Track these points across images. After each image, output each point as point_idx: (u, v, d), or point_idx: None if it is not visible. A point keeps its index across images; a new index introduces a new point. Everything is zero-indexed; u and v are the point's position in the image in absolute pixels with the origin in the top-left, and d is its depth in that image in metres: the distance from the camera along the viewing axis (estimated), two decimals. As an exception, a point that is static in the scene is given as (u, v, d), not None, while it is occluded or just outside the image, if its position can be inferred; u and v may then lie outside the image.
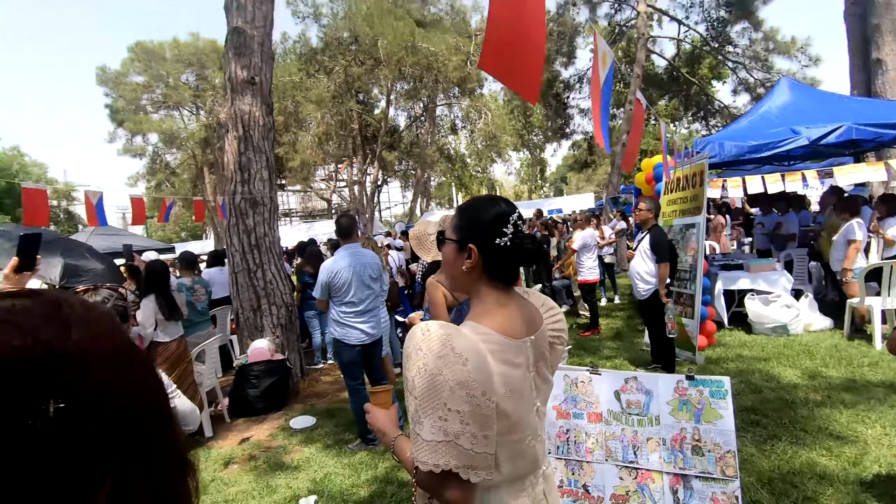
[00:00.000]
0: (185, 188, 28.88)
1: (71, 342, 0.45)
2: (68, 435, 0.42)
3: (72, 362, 0.44)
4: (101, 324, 0.49)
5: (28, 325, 0.44)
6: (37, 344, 0.43)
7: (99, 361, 0.46)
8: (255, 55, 5.75)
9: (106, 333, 0.49)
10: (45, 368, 0.42)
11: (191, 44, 26.71)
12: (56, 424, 0.41)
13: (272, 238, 5.75)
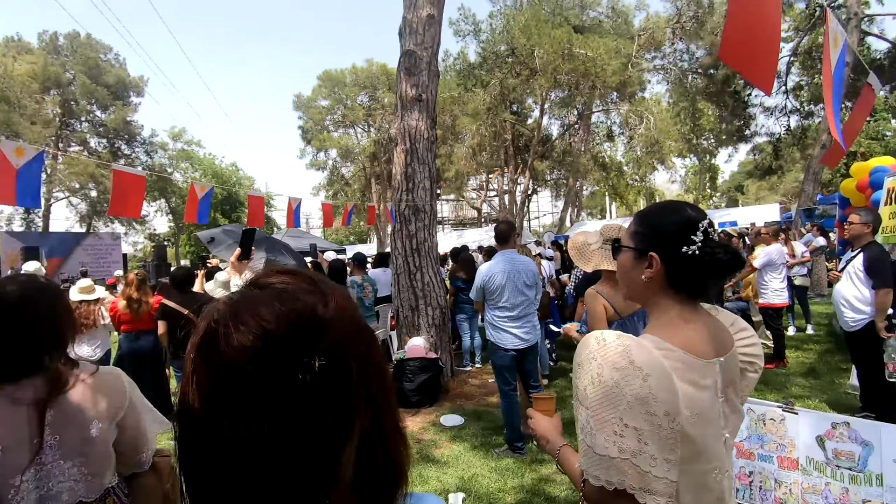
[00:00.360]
0: (355, 197, 32.46)
1: (329, 311, 0.53)
2: (325, 391, 0.49)
3: (329, 327, 0.51)
4: (345, 298, 0.57)
5: (300, 294, 0.53)
6: (307, 309, 0.52)
7: (347, 329, 0.53)
8: (423, 74, 6.24)
9: (349, 307, 0.56)
10: (313, 330, 0.50)
11: (366, 69, 30.01)
12: (317, 380, 0.49)
13: (431, 243, 6.13)
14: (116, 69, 28.72)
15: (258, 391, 0.48)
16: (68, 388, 1.45)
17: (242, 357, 0.48)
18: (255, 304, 0.51)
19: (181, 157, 32.59)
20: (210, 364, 0.50)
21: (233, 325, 0.50)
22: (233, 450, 0.48)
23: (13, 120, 23.55)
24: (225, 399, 0.48)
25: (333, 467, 0.50)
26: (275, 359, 0.48)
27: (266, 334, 0.48)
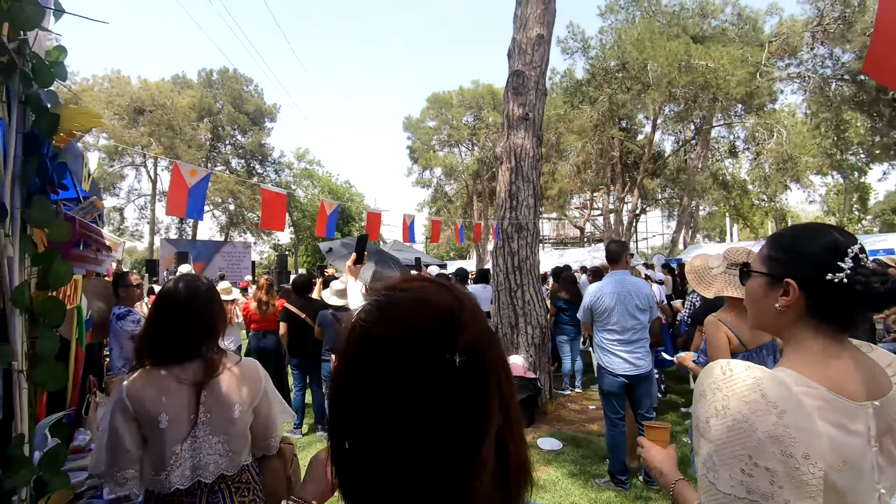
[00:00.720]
0: (457, 213, 33.20)
1: (465, 312, 0.57)
2: (466, 386, 0.52)
3: (466, 326, 0.55)
4: (475, 302, 0.61)
5: (438, 296, 0.58)
6: (447, 308, 0.56)
7: (480, 329, 0.57)
8: (530, 93, 6.28)
9: (479, 311, 0.60)
10: (453, 328, 0.55)
11: (472, 90, 30.82)
12: (459, 374, 0.52)
13: (532, 261, 6.08)
14: (255, 98, 32.69)
15: (407, 384, 0.52)
16: (218, 373, 1.68)
17: (392, 352, 0.53)
18: (399, 304, 0.57)
19: (303, 176, 35.90)
20: (361, 360, 0.55)
21: (382, 323, 0.56)
22: (384, 439, 0.53)
23: (175, 144, 27.80)
24: (376, 392, 0.53)
25: (476, 459, 0.52)
26: (421, 353, 0.52)
27: (413, 330, 0.53)
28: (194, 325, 1.65)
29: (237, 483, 1.70)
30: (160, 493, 1.58)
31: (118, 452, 1.52)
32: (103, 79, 28.30)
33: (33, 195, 1.25)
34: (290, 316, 5.12)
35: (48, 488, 1.28)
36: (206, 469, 1.61)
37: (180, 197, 2.53)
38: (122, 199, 30.19)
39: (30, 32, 1.20)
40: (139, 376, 1.58)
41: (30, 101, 1.24)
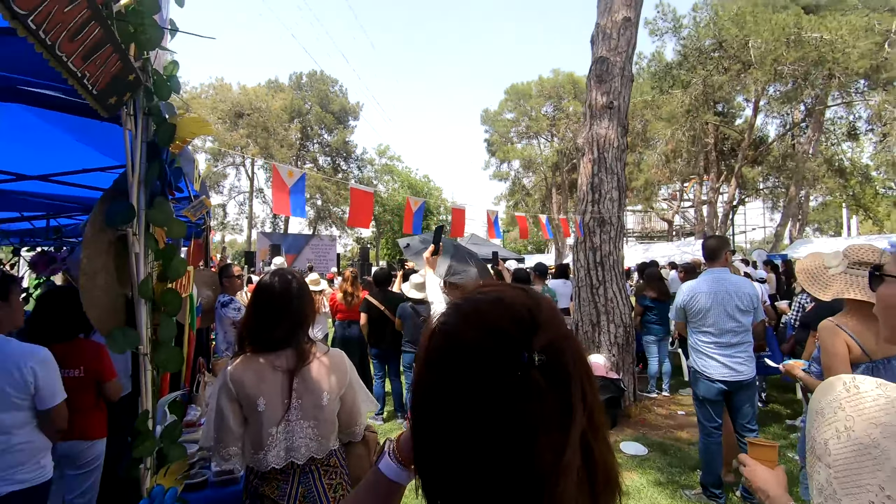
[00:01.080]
0: (535, 207, 32.60)
1: (542, 314, 0.57)
2: (546, 385, 0.53)
3: (544, 327, 0.56)
4: (553, 306, 0.62)
5: (515, 298, 0.59)
6: (524, 309, 0.57)
7: (558, 329, 0.57)
8: (615, 80, 5.97)
9: (557, 314, 0.60)
10: (530, 328, 0.55)
11: (551, 79, 29.99)
12: (539, 374, 0.53)
13: (616, 257, 5.81)
14: (340, 98, 34.27)
15: (487, 384, 0.53)
16: (309, 362, 1.79)
17: (471, 353, 0.54)
18: (479, 306, 0.59)
19: (384, 171, 37.11)
20: (441, 362, 0.57)
21: (461, 325, 0.57)
22: (465, 440, 0.53)
23: (269, 144, 29.94)
24: (457, 393, 0.54)
25: (559, 461, 0.52)
26: (500, 353, 0.53)
27: (491, 331, 0.55)
28: (287, 317, 1.76)
29: (326, 466, 1.80)
30: (258, 471, 1.71)
31: (223, 430, 1.67)
32: (209, 87, 31.10)
33: (155, 197, 1.40)
34: (370, 307, 5.32)
35: (168, 458, 1.43)
36: (298, 451, 1.73)
37: (282, 196, 2.73)
38: (225, 195, 33.09)
39: (151, 51, 1.34)
40: (240, 362, 1.72)
41: (151, 113, 1.39)
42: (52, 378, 2.05)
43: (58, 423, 2.08)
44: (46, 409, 2.04)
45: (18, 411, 1.99)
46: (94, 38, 0.91)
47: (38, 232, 5.60)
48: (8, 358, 1.96)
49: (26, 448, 2.02)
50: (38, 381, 2.00)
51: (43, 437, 2.08)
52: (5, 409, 1.95)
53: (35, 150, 2.98)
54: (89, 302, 1.39)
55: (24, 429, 2.01)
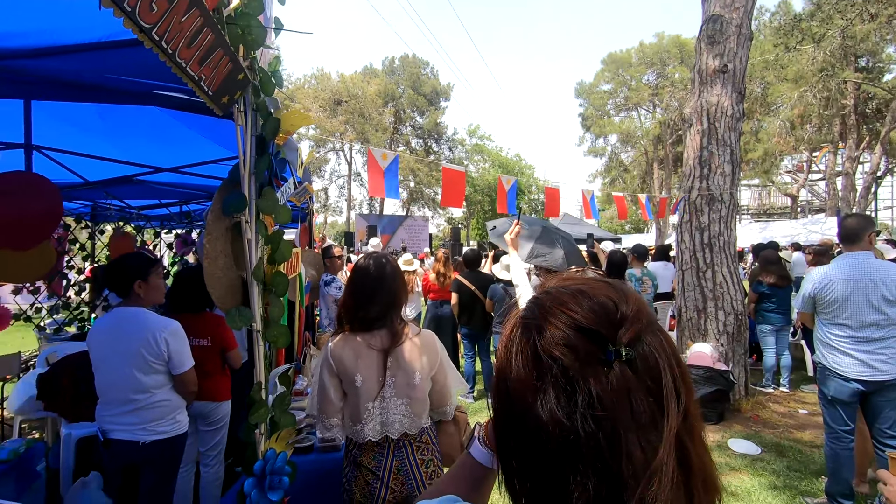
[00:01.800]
0: (634, 183, 30.71)
1: (629, 307, 0.54)
2: (635, 381, 0.50)
3: (631, 322, 0.53)
4: (641, 300, 0.58)
5: (602, 292, 0.57)
6: (609, 302, 0.55)
7: (647, 323, 0.54)
8: (730, 40, 5.35)
9: (646, 308, 0.56)
10: (616, 322, 0.53)
11: (655, 44, 27.71)
12: (626, 369, 0.50)
13: (727, 237, 5.29)
14: (432, 80, 34.62)
15: (571, 378, 0.51)
16: (402, 342, 1.85)
17: (553, 345, 0.53)
18: (561, 298, 0.57)
19: (475, 151, 37.08)
20: (524, 354, 0.56)
21: (543, 317, 0.56)
22: (549, 436, 0.52)
23: (366, 129, 31.23)
24: (539, 385, 0.53)
25: (650, 462, 0.49)
26: (584, 348, 0.52)
27: (574, 324, 0.53)
28: (381, 298, 1.84)
29: (418, 442, 1.88)
30: (357, 442, 1.83)
31: (325, 402, 1.80)
32: (310, 77, 33.05)
33: (263, 187, 1.52)
34: (460, 287, 5.39)
35: (279, 425, 1.58)
36: (392, 426, 1.81)
37: (377, 179, 2.85)
38: (326, 180, 35.27)
39: (256, 50, 1.44)
40: (340, 339, 1.83)
41: (259, 108, 1.50)
42: (181, 347, 2.35)
43: (188, 387, 2.39)
44: (178, 374, 2.35)
45: (157, 374, 2.31)
46: (208, 42, 0.99)
47: (173, 217, 6.39)
48: (147, 329, 2.27)
49: (164, 405, 2.35)
50: (170, 350, 2.30)
51: (178, 397, 2.40)
52: (146, 372, 2.27)
53: (168, 145, 3.38)
54: (211, 282, 1.55)
55: (162, 389, 2.34)
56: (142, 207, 5.87)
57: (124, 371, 2.25)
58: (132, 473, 2.37)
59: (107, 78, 1.71)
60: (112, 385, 2.29)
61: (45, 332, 5.72)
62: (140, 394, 2.27)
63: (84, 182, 3.94)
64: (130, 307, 2.35)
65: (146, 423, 2.29)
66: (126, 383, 2.26)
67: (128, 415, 2.28)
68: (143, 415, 2.28)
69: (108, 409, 2.31)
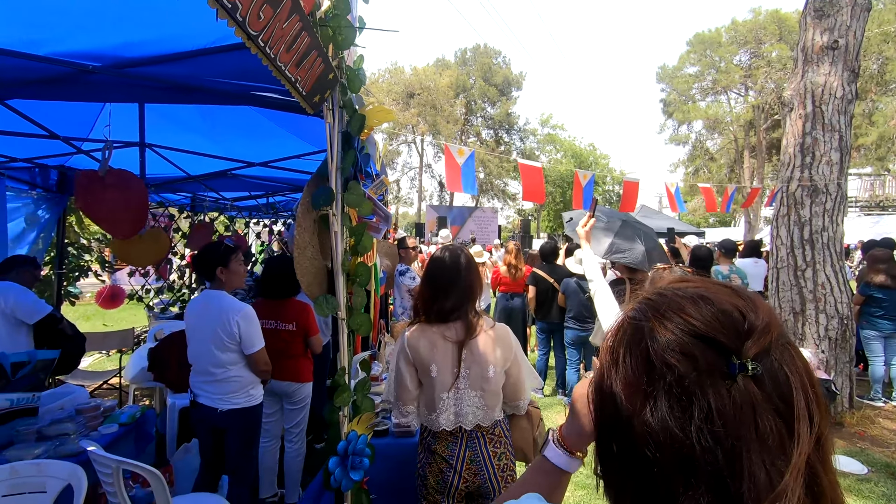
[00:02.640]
0: (721, 173, 28.57)
1: (758, 317, 0.49)
2: (760, 400, 0.46)
3: (760, 333, 0.48)
4: (771, 309, 0.52)
5: (726, 298, 0.52)
6: (735, 310, 0.50)
7: (778, 335, 0.49)
8: (842, 13, 4.79)
9: (777, 319, 0.51)
10: (742, 332, 0.48)
11: (750, 21, 25.42)
12: (751, 385, 0.46)
13: (832, 233, 4.78)
14: (503, 70, 34.20)
15: (686, 386, 0.48)
16: (476, 334, 1.87)
17: (668, 351, 0.49)
18: (678, 301, 0.53)
19: (547, 141, 36.22)
20: (635, 356, 0.52)
21: (656, 321, 0.52)
22: (655, 438, 0.49)
23: (437, 121, 31.53)
24: (650, 396, 0.50)
25: (773, 487, 0.45)
26: (704, 356, 0.48)
27: (693, 332, 0.49)
28: (456, 290, 1.86)
29: (490, 434, 1.89)
30: (431, 430, 1.87)
31: (401, 389, 1.86)
32: (385, 71, 33.87)
33: (348, 181, 1.58)
34: (538, 280, 5.32)
35: (360, 409, 1.65)
36: (466, 417, 1.84)
37: (454, 175, 2.88)
38: (399, 172, 36.10)
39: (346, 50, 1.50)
40: (416, 329, 1.88)
41: (346, 105, 1.56)
42: (252, 330, 2.55)
43: (259, 365, 2.60)
44: (249, 354, 2.56)
45: (231, 352, 2.54)
46: (304, 45, 1.05)
47: (261, 208, 6.86)
48: (223, 311, 2.51)
49: (238, 380, 2.58)
50: (241, 332, 2.51)
51: (250, 373, 2.63)
52: (222, 350, 2.51)
53: (258, 141, 3.62)
54: (301, 271, 1.66)
55: (236, 366, 2.57)
56: (234, 199, 6.35)
57: (206, 346, 2.52)
58: (218, 436, 2.65)
59: (210, 81, 1.86)
60: (198, 356, 2.58)
61: (153, 310, 6.39)
62: (217, 368, 2.53)
63: (186, 176, 4.32)
64: (215, 290, 2.61)
65: (223, 395, 2.55)
66: (207, 357, 2.53)
67: (209, 384, 2.56)
68: (220, 387, 2.55)
69: (197, 377, 2.61)
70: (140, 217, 3.12)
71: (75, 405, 2.79)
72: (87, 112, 3.10)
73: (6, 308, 3.01)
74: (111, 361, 6.33)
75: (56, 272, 4.65)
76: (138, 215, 3.08)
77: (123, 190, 3.00)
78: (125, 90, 1.91)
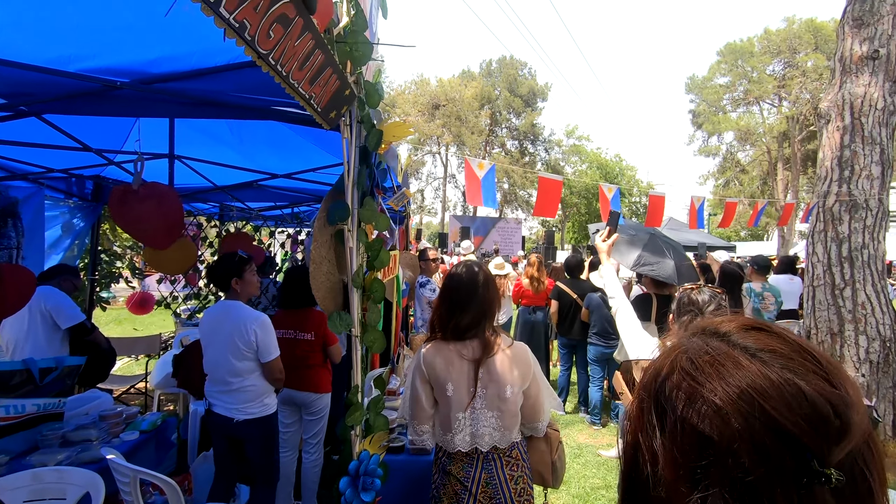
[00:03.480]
0: (752, 186, 27.78)
1: (851, 409, 0.41)
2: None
3: (851, 431, 0.40)
4: (857, 387, 0.44)
5: (817, 388, 0.41)
6: (822, 398, 0.41)
7: (866, 435, 0.41)
8: (883, 21, 4.60)
9: (863, 405, 0.43)
10: (832, 435, 0.40)
11: (784, 30, 24.81)
12: (830, 494, 0.39)
13: (873, 250, 4.55)
14: (529, 81, 34.19)
15: (749, 483, 0.40)
16: (494, 353, 1.82)
17: (732, 435, 0.41)
18: (755, 383, 0.42)
19: (572, 152, 35.93)
20: (685, 431, 0.43)
21: (725, 395, 0.42)
22: None
23: (462, 132, 31.67)
24: (702, 477, 0.42)
25: None
26: (778, 453, 0.39)
27: (773, 425, 0.40)
28: (473, 307, 1.82)
29: (507, 457, 1.83)
30: (446, 451, 1.83)
31: (417, 408, 1.82)
32: (411, 83, 34.26)
33: (365, 196, 1.57)
34: (561, 295, 5.23)
35: (373, 428, 1.62)
36: (482, 439, 1.79)
37: (474, 188, 2.86)
38: (423, 181, 36.34)
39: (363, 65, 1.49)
40: (432, 346, 1.84)
41: (364, 120, 1.55)
42: (268, 339, 2.58)
43: (274, 374, 2.62)
44: (265, 362, 2.58)
45: (248, 361, 2.56)
46: (318, 63, 1.05)
47: (286, 217, 6.96)
48: (241, 320, 2.54)
49: (253, 389, 2.59)
50: (258, 340, 2.54)
51: (265, 382, 2.64)
52: (239, 358, 2.53)
53: (284, 152, 3.68)
54: (316, 285, 1.65)
55: (252, 375, 2.59)
56: (260, 209, 6.47)
57: (223, 355, 2.55)
58: (234, 446, 2.67)
59: (234, 97, 1.89)
60: (215, 365, 2.60)
61: (181, 317, 6.53)
62: (234, 377, 2.55)
63: (214, 186, 4.42)
64: (231, 300, 2.65)
65: (238, 405, 2.57)
66: (224, 366, 2.55)
67: (224, 394, 2.58)
68: (236, 396, 2.57)
69: (213, 387, 2.63)
70: (175, 227, 3.19)
71: (100, 411, 2.84)
72: (120, 125, 3.22)
73: (45, 310, 3.17)
74: (139, 366, 6.49)
75: (89, 278, 4.80)
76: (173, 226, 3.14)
77: (158, 201, 3.07)
78: (151, 105, 1.96)
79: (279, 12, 0.81)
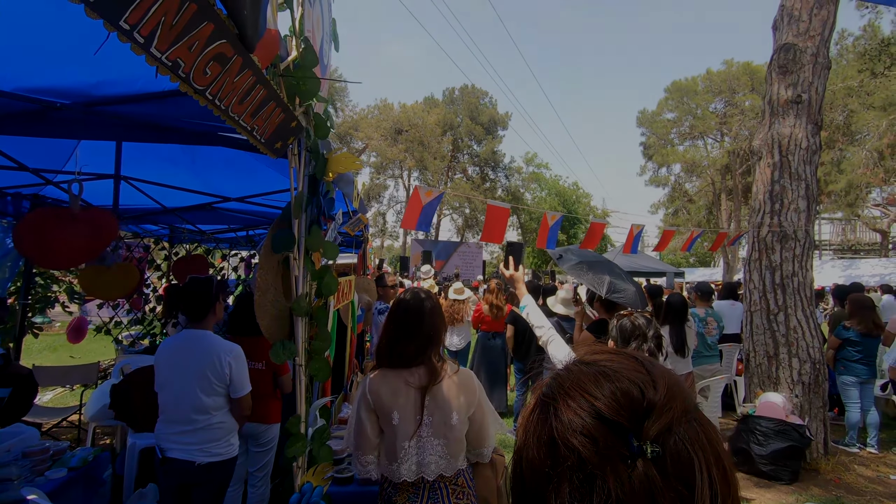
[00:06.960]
0: (699, 214, 29.31)
1: (658, 394, 0.49)
2: (661, 482, 0.44)
3: (660, 411, 0.47)
4: (677, 383, 0.52)
5: (626, 373, 0.51)
6: (634, 388, 0.49)
7: (681, 413, 0.48)
8: (804, 70, 5.06)
9: (681, 393, 0.50)
10: (641, 412, 0.47)
11: (723, 72, 26.72)
12: (652, 467, 0.45)
13: (802, 278, 4.89)
14: (490, 109, 35.14)
15: (588, 471, 0.46)
16: (440, 380, 1.83)
17: (570, 432, 0.48)
18: (581, 380, 0.52)
19: (531, 179, 36.90)
20: (542, 436, 0.51)
21: (562, 399, 0.51)
22: None
23: (424, 157, 32.04)
24: (554, 472, 0.49)
25: None
26: (604, 438, 0.47)
27: (595, 412, 0.48)
28: (419, 334, 1.83)
29: (454, 485, 1.83)
30: (391, 481, 1.81)
31: (361, 438, 1.80)
32: (374, 107, 34.53)
33: (312, 225, 1.58)
34: (517, 320, 5.30)
35: (317, 459, 1.60)
36: (429, 467, 1.78)
37: (414, 213, 2.91)
38: (384, 205, 36.30)
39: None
40: (378, 374, 1.84)
41: (312, 150, 1.58)
42: (242, 372, 2.42)
43: (244, 410, 2.46)
44: (236, 397, 2.41)
45: (218, 396, 2.37)
46: (260, 97, 1.07)
47: (240, 240, 6.80)
48: (213, 352, 2.35)
49: (221, 427, 2.41)
50: (233, 373, 2.37)
51: (232, 420, 2.47)
52: (209, 393, 2.34)
53: (238, 174, 3.63)
54: (261, 313, 1.63)
55: (220, 411, 2.40)
56: (212, 231, 6.30)
57: (189, 391, 2.32)
58: (184, 493, 2.42)
59: (180, 121, 1.88)
60: (175, 404, 2.36)
61: (122, 343, 6.19)
62: (201, 414, 2.34)
63: (163, 208, 4.29)
64: (198, 329, 2.44)
65: (202, 444, 2.35)
66: (189, 403, 2.33)
67: (186, 434, 2.34)
68: (200, 435, 2.35)
69: (168, 428, 2.37)
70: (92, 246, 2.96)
71: (23, 448, 2.64)
72: (63, 144, 3.09)
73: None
74: (73, 396, 6.07)
75: (21, 302, 4.50)
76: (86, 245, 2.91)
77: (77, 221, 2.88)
78: (95, 128, 1.91)
79: (216, 52, 0.83)
